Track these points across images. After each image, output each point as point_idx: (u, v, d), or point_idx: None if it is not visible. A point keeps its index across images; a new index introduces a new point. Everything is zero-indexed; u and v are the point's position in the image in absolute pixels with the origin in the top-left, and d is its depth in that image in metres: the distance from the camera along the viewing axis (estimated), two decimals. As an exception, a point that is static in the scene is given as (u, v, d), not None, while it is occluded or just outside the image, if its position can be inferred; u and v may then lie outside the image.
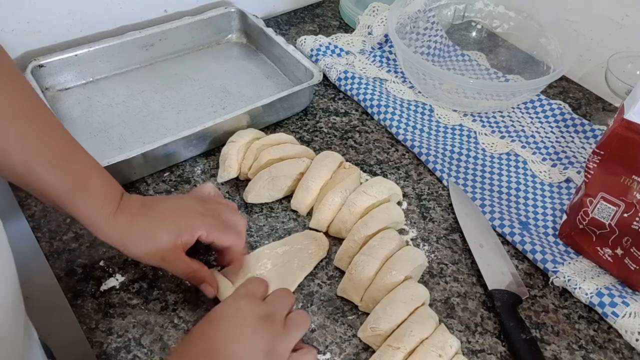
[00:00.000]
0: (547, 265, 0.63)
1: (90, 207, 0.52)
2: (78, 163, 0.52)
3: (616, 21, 0.85)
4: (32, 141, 0.49)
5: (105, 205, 0.52)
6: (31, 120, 0.49)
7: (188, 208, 0.56)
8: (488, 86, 0.83)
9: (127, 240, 0.53)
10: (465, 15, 0.96)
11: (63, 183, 0.50)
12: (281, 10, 1.02)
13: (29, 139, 0.48)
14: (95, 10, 0.83)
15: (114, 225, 0.52)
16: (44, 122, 0.51)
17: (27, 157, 0.48)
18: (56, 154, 0.50)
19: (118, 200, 0.53)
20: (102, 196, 0.52)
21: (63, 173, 0.50)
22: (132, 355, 0.54)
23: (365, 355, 0.56)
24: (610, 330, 0.60)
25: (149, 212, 0.54)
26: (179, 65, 0.87)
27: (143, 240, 0.53)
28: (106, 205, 0.52)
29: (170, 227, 0.54)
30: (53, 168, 0.50)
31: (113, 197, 0.53)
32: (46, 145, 0.50)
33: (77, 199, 0.51)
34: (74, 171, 0.51)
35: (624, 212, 0.58)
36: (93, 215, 0.52)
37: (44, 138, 0.50)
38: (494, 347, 0.57)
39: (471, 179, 0.74)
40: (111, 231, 0.52)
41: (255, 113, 0.74)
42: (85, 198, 0.51)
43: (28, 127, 0.49)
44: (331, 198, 0.65)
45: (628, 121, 0.56)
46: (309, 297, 0.60)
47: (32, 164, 0.49)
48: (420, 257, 0.60)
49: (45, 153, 0.49)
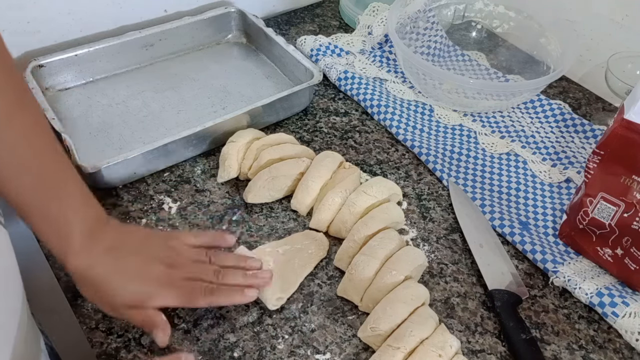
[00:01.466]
0: (547, 265, 0.63)
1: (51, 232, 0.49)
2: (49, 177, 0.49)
3: (616, 21, 0.85)
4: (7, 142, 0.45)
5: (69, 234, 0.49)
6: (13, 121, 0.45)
7: (156, 273, 0.52)
8: (488, 86, 0.83)
9: (84, 282, 0.51)
10: (465, 15, 0.96)
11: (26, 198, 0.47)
12: (281, 10, 1.02)
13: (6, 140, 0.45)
14: (95, 10, 0.83)
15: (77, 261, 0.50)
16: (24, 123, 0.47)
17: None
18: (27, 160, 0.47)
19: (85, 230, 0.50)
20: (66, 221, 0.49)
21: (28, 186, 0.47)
22: (132, 355, 0.54)
23: (365, 355, 0.56)
24: (610, 330, 0.60)
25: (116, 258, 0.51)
26: (179, 65, 0.87)
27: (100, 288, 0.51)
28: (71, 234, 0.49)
29: (130, 288, 0.51)
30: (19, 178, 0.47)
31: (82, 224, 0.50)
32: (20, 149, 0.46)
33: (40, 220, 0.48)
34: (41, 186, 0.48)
35: (624, 212, 0.58)
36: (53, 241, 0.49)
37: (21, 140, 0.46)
38: (494, 347, 0.57)
39: (471, 179, 0.74)
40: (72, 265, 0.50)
41: (255, 113, 0.74)
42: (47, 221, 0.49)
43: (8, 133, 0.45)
44: (331, 198, 0.65)
45: (628, 121, 0.56)
46: (309, 297, 0.60)
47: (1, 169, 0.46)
48: (420, 257, 0.60)
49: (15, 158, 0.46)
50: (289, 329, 0.57)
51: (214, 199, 0.69)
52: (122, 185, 0.69)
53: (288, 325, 0.57)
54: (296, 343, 0.56)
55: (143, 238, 0.56)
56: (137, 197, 0.68)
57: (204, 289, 0.53)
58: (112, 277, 0.51)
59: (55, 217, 0.49)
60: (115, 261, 0.51)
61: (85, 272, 0.50)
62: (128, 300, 0.51)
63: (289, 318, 0.58)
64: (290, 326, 0.57)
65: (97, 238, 0.51)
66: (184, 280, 0.53)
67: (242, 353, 0.55)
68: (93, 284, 0.51)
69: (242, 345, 0.55)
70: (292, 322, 0.58)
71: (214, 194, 0.69)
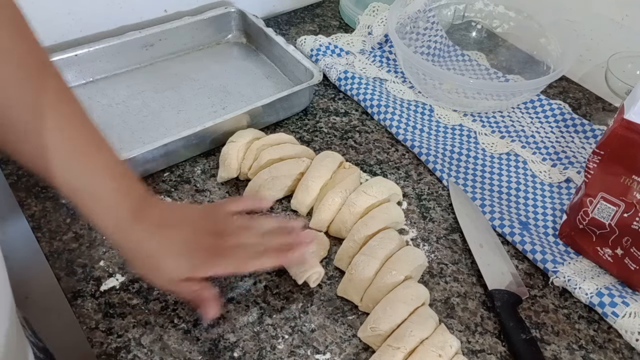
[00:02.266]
0: (547, 265, 0.63)
1: (102, 212, 0.49)
2: (94, 163, 0.49)
3: (616, 21, 0.85)
4: (49, 137, 0.46)
5: (118, 213, 0.50)
6: (50, 114, 0.46)
7: (204, 244, 0.53)
8: (488, 86, 0.84)
9: (136, 257, 0.52)
10: (465, 15, 0.96)
11: (77, 184, 0.48)
12: (281, 10, 1.02)
13: (46, 135, 0.46)
14: (95, 10, 0.83)
15: (127, 238, 0.50)
16: (64, 115, 0.48)
17: (44, 153, 0.46)
18: (71, 151, 0.48)
19: (133, 208, 0.51)
20: (116, 201, 0.50)
21: (76, 174, 0.48)
22: (132, 355, 0.54)
23: (365, 355, 0.56)
24: (610, 330, 0.60)
25: (165, 233, 0.52)
26: (179, 65, 0.87)
27: (151, 262, 0.51)
28: (119, 213, 0.50)
29: (181, 260, 0.51)
30: (67, 168, 0.47)
31: (130, 203, 0.51)
32: (62, 142, 0.47)
33: (90, 202, 0.49)
34: (88, 171, 0.49)
35: (624, 212, 0.58)
36: (104, 220, 0.50)
37: (60, 133, 0.47)
38: (494, 347, 0.57)
39: (471, 179, 0.74)
40: (122, 241, 0.51)
41: (255, 113, 0.74)
42: (97, 203, 0.49)
43: (45, 122, 0.46)
44: (331, 198, 0.65)
45: (628, 121, 0.56)
46: (309, 297, 0.60)
47: (48, 161, 0.46)
48: (420, 257, 0.60)
49: (59, 151, 0.47)
50: (289, 329, 0.57)
51: (214, 199, 0.69)
52: (122, 185, 0.69)
53: (288, 325, 0.57)
54: (296, 343, 0.56)
55: (186, 211, 0.57)
56: (137, 197, 0.68)
57: (252, 253, 0.54)
58: (163, 251, 0.51)
59: (102, 196, 0.49)
60: (164, 235, 0.52)
61: (136, 248, 0.51)
62: (180, 272, 0.51)
63: (289, 318, 0.58)
64: (290, 326, 0.57)
65: (145, 213, 0.52)
66: (232, 248, 0.54)
67: (242, 353, 0.55)
68: (145, 260, 0.51)
69: (242, 345, 0.55)
70: (292, 322, 0.58)
71: (214, 194, 0.69)
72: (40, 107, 0.46)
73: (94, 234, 0.64)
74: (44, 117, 0.46)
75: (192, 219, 0.55)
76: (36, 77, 0.46)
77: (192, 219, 0.55)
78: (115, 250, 0.62)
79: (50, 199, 0.67)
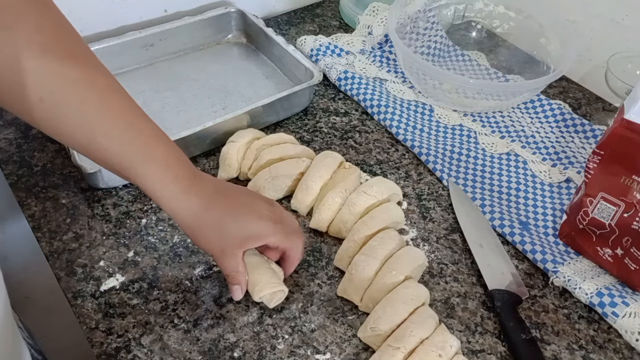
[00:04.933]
0: (547, 265, 0.63)
1: (156, 178, 0.49)
2: (141, 132, 0.49)
3: (616, 21, 0.85)
4: (91, 109, 0.46)
5: (174, 179, 0.49)
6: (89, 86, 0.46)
7: (260, 211, 0.54)
8: (488, 86, 0.84)
9: (198, 226, 0.51)
10: (465, 15, 0.96)
11: (126, 152, 0.48)
12: (281, 10, 1.02)
13: (88, 106, 0.46)
14: (95, 10, 0.83)
15: (187, 206, 0.50)
16: (103, 88, 0.47)
17: (87, 125, 0.46)
18: (117, 121, 0.47)
19: (190, 177, 0.50)
20: (169, 167, 0.49)
21: (125, 142, 0.48)
22: (132, 355, 0.54)
23: (365, 355, 0.56)
24: (610, 330, 0.60)
25: (224, 201, 0.52)
26: (179, 65, 0.87)
27: (215, 230, 0.51)
28: (175, 179, 0.49)
29: (243, 225, 0.52)
30: (114, 137, 0.47)
31: (184, 171, 0.50)
32: (106, 113, 0.47)
33: (142, 169, 0.48)
34: (137, 140, 0.48)
35: (624, 212, 0.58)
36: (159, 187, 0.49)
37: (103, 105, 0.47)
38: (494, 347, 0.57)
39: (471, 179, 0.74)
40: (181, 210, 0.50)
41: (255, 113, 0.74)
42: (150, 168, 0.48)
43: (87, 93, 0.46)
44: (331, 198, 0.65)
45: (628, 121, 0.56)
46: (309, 297, 0.60)
47: (92, 132, 0.46)
48: (420, 257, 0.60)
49: (105, 121, 0.46)
50: (289, 329, 0.57)
51: (214, 199, 0.69)
52: (122, 185, 0.69)
53: (288, 325, 0.57)
54: (296, 343, 0.56)
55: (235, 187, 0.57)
56: (137, 197, 0.68)
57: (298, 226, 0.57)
58: (227, 216, 0.52)
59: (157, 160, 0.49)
60: (226, 201, 0.52)
61: (199, 214, 0.50)
62: (245, 235, 0.52)
63: (289, 318, 0.58)
64: (290, 326, 0.57)
65: (203, 179, 0.52)
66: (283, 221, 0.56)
67: (242, 353, 0.55)
68: (208, 226, 0.51)
69: (242, 345, 0.55)
70: (292, 322, 0.58)
71: (214, 194, 0.69)
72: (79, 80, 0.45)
73: (94, 234, 0.64)
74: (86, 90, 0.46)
75: (242, 191, 0.57)
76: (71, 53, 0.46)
77: (243, 191, 0.57)
78: (115, 250, 0.62)
79: (50, 199, 0.67)
